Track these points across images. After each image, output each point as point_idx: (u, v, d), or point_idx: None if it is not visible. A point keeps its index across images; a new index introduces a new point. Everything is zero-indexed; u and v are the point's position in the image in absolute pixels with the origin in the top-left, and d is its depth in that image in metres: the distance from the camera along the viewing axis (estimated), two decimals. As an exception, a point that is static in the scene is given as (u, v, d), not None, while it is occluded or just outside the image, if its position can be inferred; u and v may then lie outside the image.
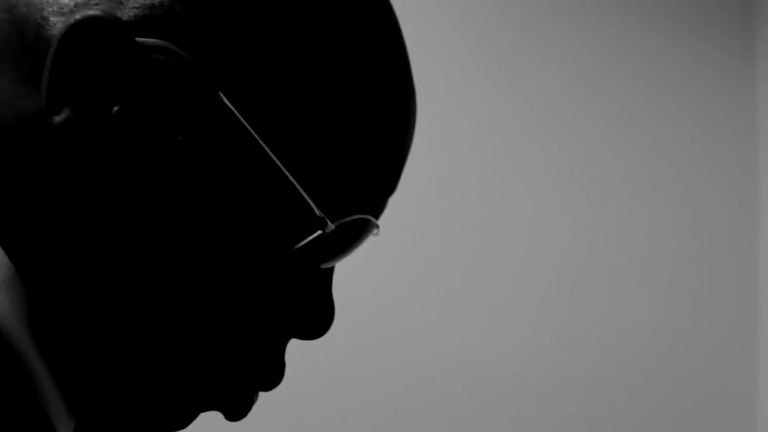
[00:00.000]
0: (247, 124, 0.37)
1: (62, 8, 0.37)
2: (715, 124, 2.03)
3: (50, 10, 0.37)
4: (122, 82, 0.36)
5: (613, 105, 1.98)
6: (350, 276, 1.83)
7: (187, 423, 0.42)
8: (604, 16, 1.99)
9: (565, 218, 1.93)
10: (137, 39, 0.36)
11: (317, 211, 0.38)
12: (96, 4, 0.37)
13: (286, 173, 0.37)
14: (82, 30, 0.35)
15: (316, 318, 0.42)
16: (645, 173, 1.99)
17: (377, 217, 0.42)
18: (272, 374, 0.42)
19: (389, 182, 0.42)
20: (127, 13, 0.36)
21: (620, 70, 1.99)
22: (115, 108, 0.36)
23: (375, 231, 0.42)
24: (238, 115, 0.36)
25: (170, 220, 0.37)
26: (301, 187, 0.38)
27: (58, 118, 0.35)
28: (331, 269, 0.43)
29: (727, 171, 2.03)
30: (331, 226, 0.39)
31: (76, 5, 0.37)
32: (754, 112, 2.04)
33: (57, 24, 0.37)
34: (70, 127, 0.35)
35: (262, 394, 1.25)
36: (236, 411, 0.41)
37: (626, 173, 1.97)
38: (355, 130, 0.39)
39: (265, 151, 0.37)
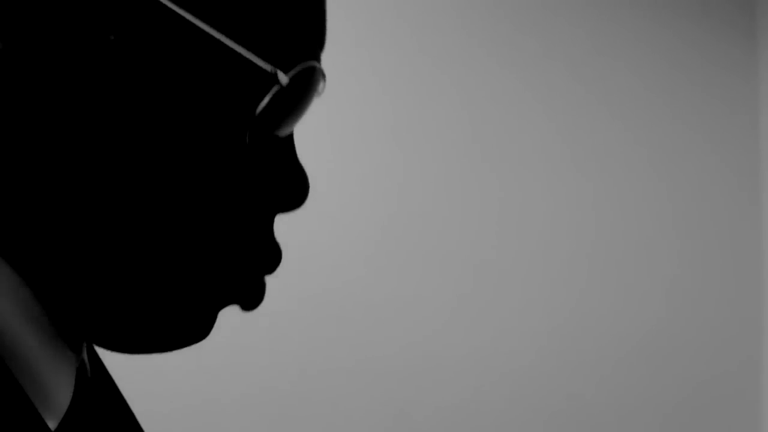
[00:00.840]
0: (175, 6, 0.36)
1: None
2: (718, 119, 2.02)
3: None
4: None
5: (616, 99, 1.97)
6: (360, 276, 1.83)
7: (207, 329, 0.41)
8: (606, 10, 1.98)
9: (570, 214, 1.92)
10: None
11: (268, 68, 0.38)
12: None
13: (223, 39, 0.37)
14: None
15: (292, 187, 0.42)
16: (649, 167, 1.98)
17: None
18: (270, 254, 0.42)
19: (320, 28, 0.42)
20: None
21: (622, 65, 1.99)
22: (43, 26, 0.35)
23: (321, 85, 0.42)
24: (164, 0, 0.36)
25: (128, 122, 0.36)
26: (243, 48, 0.38)
27: None
28: (292, 137, 0.43)
29: (730, 165, 2.02)
30: (284, 78, 0.38)
31: None
32: (756, 105, 2.03)
33: None
34: (3, 59, 0.34)
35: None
36: (250, 299, 0.42)
37: (630, 168, 1.97)
38: None
39: (196, 24, 0.36)
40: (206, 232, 0.38)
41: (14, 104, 0.35)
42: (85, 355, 0.43)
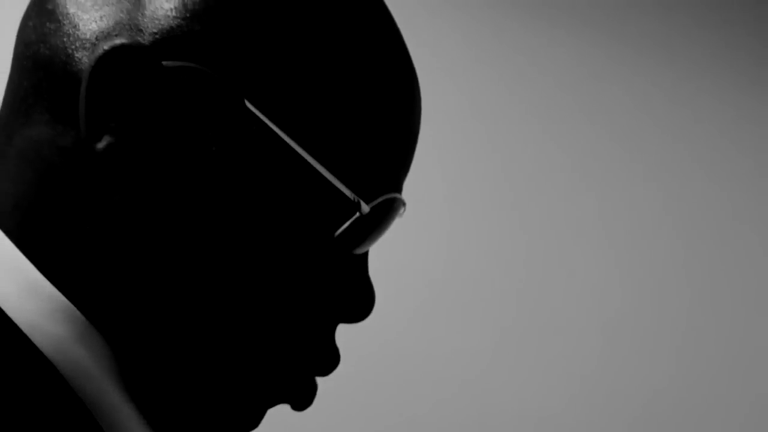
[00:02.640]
0: (274, 126, 0.39)
1: (85, 43, 0.38)
2: (736, 168, 2.01)
3: (73, 47, 0.39)
4: (153, 105, 0.37)
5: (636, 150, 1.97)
6: (395, 324, 1.81)
7: (257, 421, 0.44)
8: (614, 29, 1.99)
9: (591, 277, 1.91)
10: (163, 63, 0.37)
11: (351, 196, 0.41)
12: (117, 35, 0.38)
13: (317, 166, 0.39)
14: (109, 59, 0.36)
15: (358, 301, 0.44)
16: (670, 221, 1.97)
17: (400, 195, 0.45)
18: (327, 359, 0.44)
19: (405, 159, 0.45)
20: (148, 38, 0.38)
21: (650, 107, 1.99)
22: (151, 130, 0.37)
23: (401, 209, 0.45)
24: (264, 119, 0.38)
25: (218, 230, 0.38)
26: (333, 175, 0.40)
27: (100, 146, 0.37)
28: (366, 253, 0.45)
29: (749, 216, 2.01)
30: (366, 208, 0.41)
31: (97, 38, 0.38)
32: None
33: (83, 59, 0.38)
34: (113, 154, 0.37)
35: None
36: (301, 399, 0.44)
37: (647, 216, 1.96)
38: (371, 115, 0.42)
39: (294, 149, 0.39)
40: (270, 333, 0.41)
41: (125, 198, 0.38)
42: None
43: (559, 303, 1.90)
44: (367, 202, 0.42)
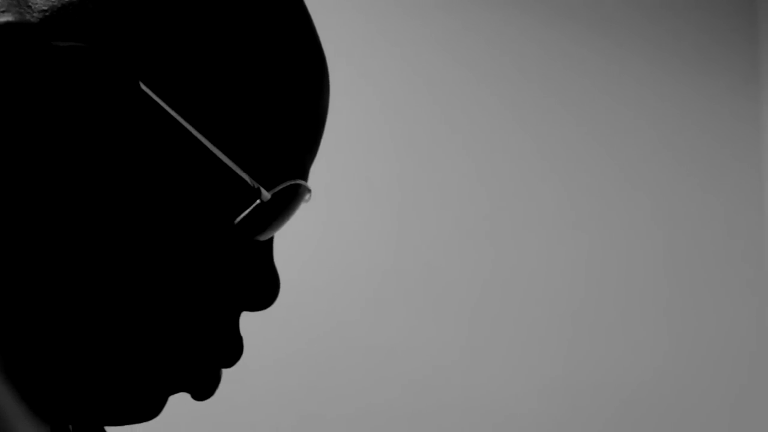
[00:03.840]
0: (170, 110, 0.37)
1: None
2: (721, 169, 2.01)
3: None
4: (41, 87, 0.35)
5: (619, 150, 1.97)
6: (366, 318, 1.81)
7: (158, 410, 0.42)
8: (610, 57, 1.99)
9: (569, 266, 1.91)
10: (52, 43, 0.35)
11: (252, 183, 0.39)
12: (3, 11, 0.36)
13: (215, 150, 0.38)
14: None
15: (263, 289, 0.43)
16: (647, 208, 1.97)
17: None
18: (231, 349, 0.43)
19: (312, 146, 0.43)
20: (37, 15, 0.36)
21: (627, 110, 1.99)
22: (40, 115, 0.36)
23: (307, 196, 0.44)
24: (160, 102, 0.37)
25: (111, 217, 0.37)
26: (232, 161, 0.39)
27: None
28: (271, 240, 0.44)
29: (735, 210, 2.00)
30: (266, 195, 0.40)
31: None
32: (759, 154, 2.02)
33: None
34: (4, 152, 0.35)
35: None
36: (203, 390, 0.42)
37: (628, 207, 1.96)
38: (274, 98, 0.40)
39: (191, 132, 0.38)
40: (169, 321, 0.40)
41: (10, 185, 0.36)
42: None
43: (528, 294, 1.89)
44: (268, 189, 0.40)
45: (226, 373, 0.51)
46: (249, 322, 1.68)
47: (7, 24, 0.34)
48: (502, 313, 1.88)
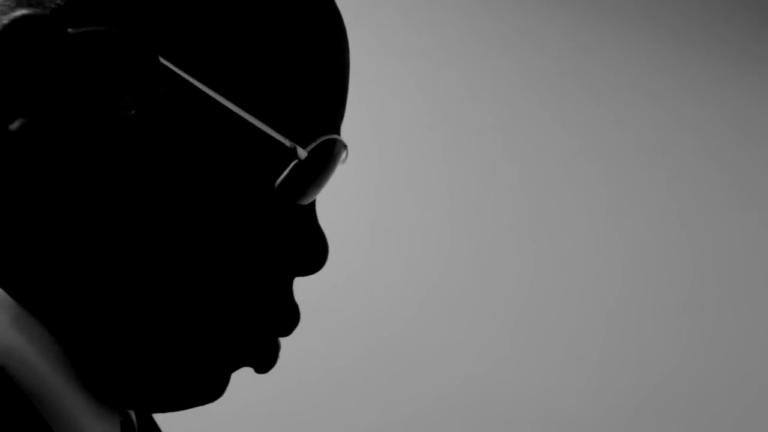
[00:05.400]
0: (193, 80, 0.37)
1: None
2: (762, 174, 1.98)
3: None
4: (64, 76, 0.35)
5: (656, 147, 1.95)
6: (417, 319, 1.79)
7: (223, 388, 0.42)
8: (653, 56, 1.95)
9: (605, 255, 1.90)
10: (69, 30, 0.35)
11: (287, 143, 0.39)
12: (13, 5, 0.36)
13: (244, 114, 0.38)
14: (11, 34, 0.34)
15: (312, 252, 0.42)
16: (686, 215, 1.95)
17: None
18: (287, 317, 0.42)
19: (340, 101, 0.43)
20: (49, 4, 0.36)
21: (668, 111, 1.95)
22: (66, 104, 0.35)
23: (343, 153, 0.43)
24: (182, 74, 0.36)
25: (151, 199, 0.37)
26: (265, 124, 0.38)
27: (12, 127, 0.35)
28: (314, 203, 0.44)
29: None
30: (303, 153, 0.39)
31: None
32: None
33: None
34: (28, 134, 0.35)
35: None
36: (264, 361, 0.42)
37: (667, 210, 1.94)
38: (297, 56, 0.40)
39: (218, 100, 0.37)
40: (224, 296, 0.39)
41: (43, 175, 0.36)
42: (132, 413, 0.44)
43: (563, 294, 1.89)
44: (303, 147, 0.40)
45: (293, 382, 0.52)
46: (307, 330, 1.61)
47: (23, 17, 0.34)
48: (547, 311, 1.87)
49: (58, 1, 0.36)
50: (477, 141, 1.88)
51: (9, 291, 0.37)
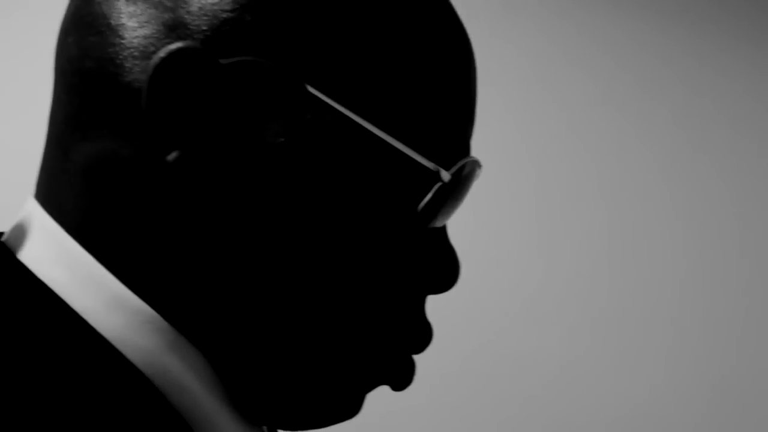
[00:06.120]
0: (341, 107, 0.37)
1: (133, 52, 0.37)
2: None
3: (121, 56, 0.37)
4: (217, 107, 0.36)
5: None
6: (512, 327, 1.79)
7: (359, 407, 0.43)
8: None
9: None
10: (220, 61, 0.36)
11: (430, 166, 0.39)
12: (165, 38, 0.37)
13: (391, 141, 0.38)
14: (166, 67, 0.35)
15: (444, 271, 0.43)
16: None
17: None
18: (421, 334, 0.43)
19: (471, 121, 0.44)
20: (198, 37, 0.37)
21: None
22: (219, 134, 0.36)
23: (478, 171, 0.43)
24: (330, 101, 0.37)
25: (300, 223, 0.37)
26: (409, 148, 0.39)
27: (170, 157, 0.36)
28: (445, 224, 0.45)
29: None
30: (446, 176, 0.40)
31: (146, 46, 0.37)
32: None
33: (134, 68, 0.37)
34: (184, 164, 0.36)
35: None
36: (400, 379, 0.43)
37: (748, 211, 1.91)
38: (434, 80, 0.40)
39: (365, 127, 0.38)
40: (363, 317, 0.40)
41: (197, 204, 0.37)
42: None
43: (654, 299, 1.86)
44: (446, 169, 0.40)
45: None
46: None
47: (178, 50, 0.35)
48: (628, 317, 1.85)
49: (206, 31, 0.36)
50: (572, 145, 1.87)
51: (164, 315, 0.38)
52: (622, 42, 1.93)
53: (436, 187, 0.40)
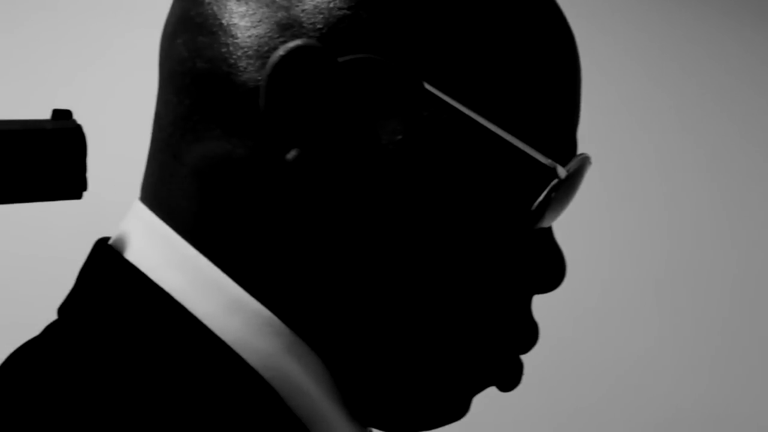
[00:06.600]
0: (458, 105, 0.37)
1: (247, 51, 0.37)
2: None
3: (235, 56, 0.37)
4: (336, 105, 0.35)
5: None
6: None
7: (466, 408, 0.42)
8: None
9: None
10: (339, 59, 0.35)
11: (548, 163, 0.38)
12: (280, 37, 0.36)
13: (509, 138, 0.37)
14: (286, 65, 0.35)
15: (551, 270, 0.42)
16: None
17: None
18: (528, 334, 0.42)
19: (578, 117, 0.43)
20: (314, 35, 0.36)
21: None
22: (338, 132, 0.36)
23: (588, 167, 0.43)
24: (447, 99, 0.36)
25: (417, 222, 0.37)
26: (527, 145, 0.38)
27: (289, 156, 0.35)
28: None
29: None
30: (563, 172, 0.39)
31: (260, 45, 0.37)
32: None
33: (248, 67, 0.37)
34: (303, 163, 0.35)
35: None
36: (508, 380, 0.42)
37: None
38: (548, 77, 0.40)
39: (483, 124, 0.37)
40: (472, 318, 0.39)
41: (315, 204, 0.36)
42: None
43: None
44: (562, 165, 0.40)
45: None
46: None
47: (297, 48, 0.34)
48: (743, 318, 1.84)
49: (321, 29, 0.36)
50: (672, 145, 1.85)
51: (281, 317, 0.37)
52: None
53: (552, 184, 0.39)
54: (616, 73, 1.87)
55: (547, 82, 0.40)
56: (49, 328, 0.38)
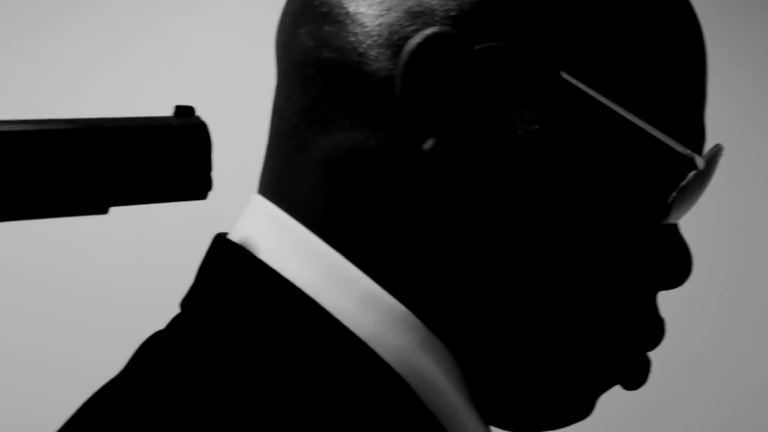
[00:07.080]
0: (597, 95, 0.35)
1: (377, 39, 0.36)
2: None
3: (365, 45, 0.36)
4: (473, 94, 0.34)
5: None
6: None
7: (591, 408, 0.41)
8: None
9: None
10: (474, 47, 0.34)
11: (687, 153, 0.37)
12: (412, 25, 0.35)
13: (649, 128, 0.36)
14: (423, 52, 0.34)
15: (679, 265, 0.41)
16: None
17: None
18: (654, 331, 0.41)
19: (704, 107, 0.41)
20: (448, 22, 0.35)
21: None
22: (475, 122, 0.35)
23: (721, 155, 0.41)
24: (586, 89, 0.35)
25: (554, 213, 0.36)
26: (666, 135, 0.37)
27: (426, 146, 0.34)
28: None
29: None
30: (701, 162, 0.37)
31: (391, 33, 0.36)
32: None
33: (379, 56, 0.36)
34: (440, 154, 0.34)
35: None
36: (635, 378, 0.41)
37: None
38: (681, 66, 0.39)
39: (622, 114, 0.36)
40: (598, 315, 0.38)
41: (451, 196, 0.35)
42: None
43: None
44: (699, 155, 0.39)
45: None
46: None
47: (434, 35, 0.34)
48: None
49: (455, 16, 0.35)
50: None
51: (415, 312, 0.36)
52: None
53: (691, 174, 0.37)
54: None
55: (679, 70, 0.38)
56: (175, 322, 0.38)
